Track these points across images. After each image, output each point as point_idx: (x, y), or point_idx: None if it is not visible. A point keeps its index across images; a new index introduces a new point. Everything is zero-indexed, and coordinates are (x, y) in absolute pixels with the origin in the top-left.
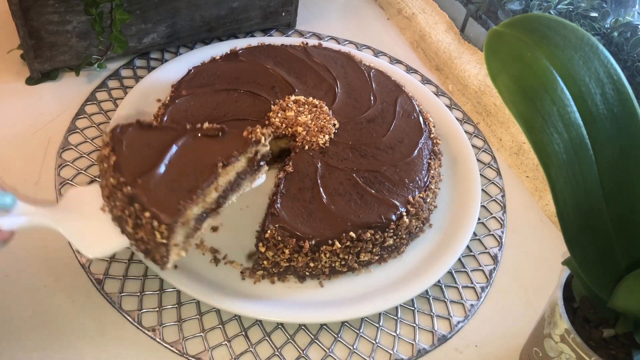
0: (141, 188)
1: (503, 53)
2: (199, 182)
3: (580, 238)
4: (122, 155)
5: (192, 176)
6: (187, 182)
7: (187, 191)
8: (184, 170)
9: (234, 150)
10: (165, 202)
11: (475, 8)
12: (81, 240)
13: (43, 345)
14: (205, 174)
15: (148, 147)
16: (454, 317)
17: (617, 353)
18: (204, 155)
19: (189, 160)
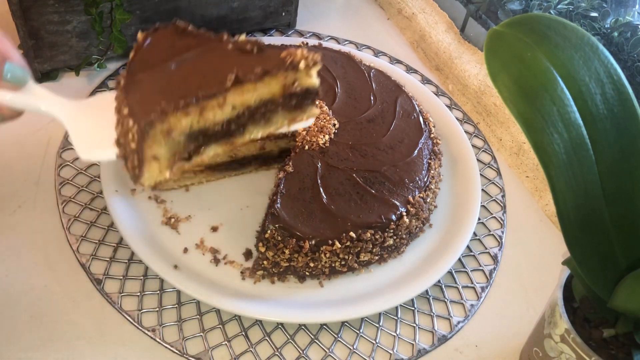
0: (134, 83)
1: (503, 53)
2: (198, 90)
3: (581, 238)
4: (141, 53)
5: (195, 84)
6: (186, 88)
7: (179, 97)
8: (191, 77)
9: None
10: (148, 101)
11: (476, 8)
12: (80, 139)
13: (43, 345)
14: (211, 85)
15: (170, 49)
16: (454, 317)
17: (617, 353)
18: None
19: (203, 69)
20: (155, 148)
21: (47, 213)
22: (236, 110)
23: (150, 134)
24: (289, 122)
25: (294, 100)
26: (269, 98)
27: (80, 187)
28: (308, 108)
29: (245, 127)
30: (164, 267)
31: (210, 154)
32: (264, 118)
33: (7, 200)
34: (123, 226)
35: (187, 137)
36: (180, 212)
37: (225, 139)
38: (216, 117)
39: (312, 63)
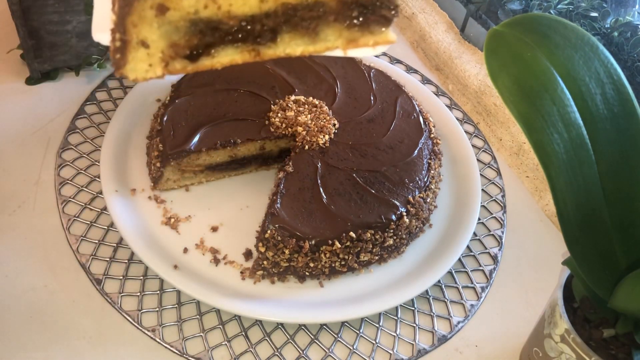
0: None
1: (503, 53)
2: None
3: (581, 238)
4: None
5: None
6: None
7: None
8: None
9: None
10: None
11: (476, 8)
12: (99, 16)
13: (43, 345)
14: None
15: None
16: (454, 317)
17: (617, 353)
18: None
19: None
20: (144, 29)
21: (47, 213)
22: (267, 4)
23: (135, 6)
24: (346, 42)
25: (357, 11)
26: None
27: (80, 187)
28: (377, 30)
29: (279, 34)
30: (163, 267)
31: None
32: (308, 27)
33: (6, 200)
34: (123, 226)
35: (192, 26)
36: (180, 212)
37: (249, 44)
38: (234, 5)
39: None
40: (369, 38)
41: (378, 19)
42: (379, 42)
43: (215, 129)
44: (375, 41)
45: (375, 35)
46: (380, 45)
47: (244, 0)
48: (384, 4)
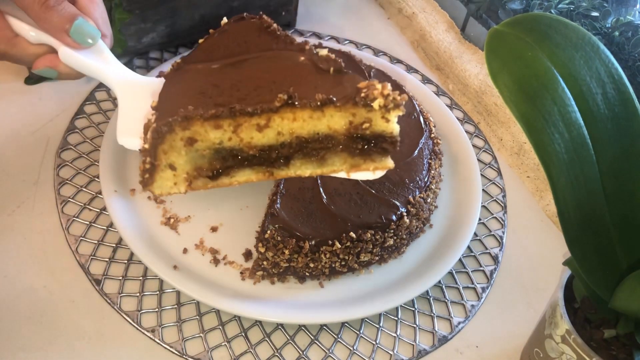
0: (180, 74)
1: (504, 52)
2: (238, 101)
3: (581, 238)
4: (210, 41)
5: (242, 93)
6: (229, 96)
7: (216, 104)
8: (242, 83)
9: (322, 93)
10: (180, 100)
11: (476, 7)
12: (126, 121)
13: (42, 345)
14: (259, 99)
15: (242, 44)
16: (454, 317)
17: (618, 354)
18: (284, 82)
19: (260, 77)
20: (173, 156)
21: (46, 213)
22: (282, 137)
23: (167, 139)
24: (349, 167)
25: (361, 144)
26: (328, 133)
27: (80, 187)
28: (378, 158)
29: (291, 160)
30: (163, 267)
31: (242, 179)
32: (317, 155)
33: (6, 201)
34: (122, 226)
35: (215, 153)
36: (179, 212)
37: (264, 168)
38: (254, 139)
39: (393, 105)
40: (370, 164)
41: (379, 150)
42: (378, 168)
43: None
44: (375, 167)
45: (375, 162)
46: (379, 170)
47: (263, 134)
48: (386, 140)
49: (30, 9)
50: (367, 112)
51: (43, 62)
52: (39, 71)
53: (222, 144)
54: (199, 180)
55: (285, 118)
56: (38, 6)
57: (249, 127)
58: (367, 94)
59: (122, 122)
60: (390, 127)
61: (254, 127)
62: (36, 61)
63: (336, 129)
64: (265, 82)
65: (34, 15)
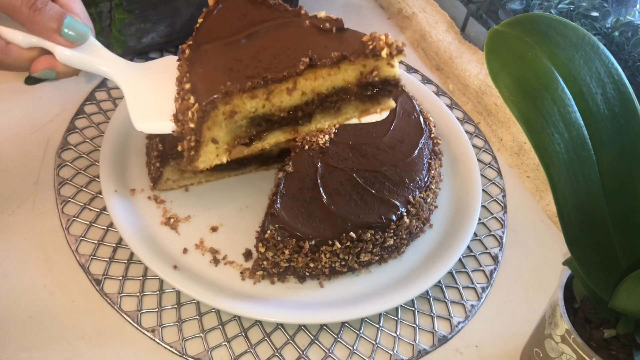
0: (199, 54)
1: (504, 53)
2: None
3: (581, 238)
4: (210, 19)
5: (265, 63)
6: (254, 67)
7: (247, 77)
8: (260, 54)
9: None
10: (213, 78)
11: (476, 7)
12: (136, 106)
13: (42, 345)
14: (282, 66)
15: (242, 18)
16: (454, 317)
17: (618, 353)
18: (297, 46)
19: (274, 46)
20: (215, 130)
21: (47, 213)
22: (306, 97)
23: (211, 115)
24: (360, 113)
25: (370, 90)
26: (343, 86)
27: (80, 187)
28: (384, 100)
29: (313, 116)
30: (163, 267)
31: (272, 141)
32: (334, 107)
33: (6, 201)
34: (122, 226)
35: (250, 121)
36: (179, 212)
37: (290, 126)
38: (283, 102)
39: (397, 51)
40: (377, 107)
41: (385, 93)
42: (383, 109)
43: None
44: (381, 108)
45: (381, 104)
46: (384, 110)
47: (290, 96)
48: (390, 83)
49: (18, 13)
50: (375, 61)
51: (41, 64)
52: (39, 74)
53: (257, 111)
54: (237, 148)
55: (308, 79)
56: (26, 9)
57: (279, 92)
58: (374, 45)
59: (133, 108)
60: (394, 71)
61: (283, 92)
62: (33, 65)
63: (349, 81)
64: (280, 49)
65: (22, 19)
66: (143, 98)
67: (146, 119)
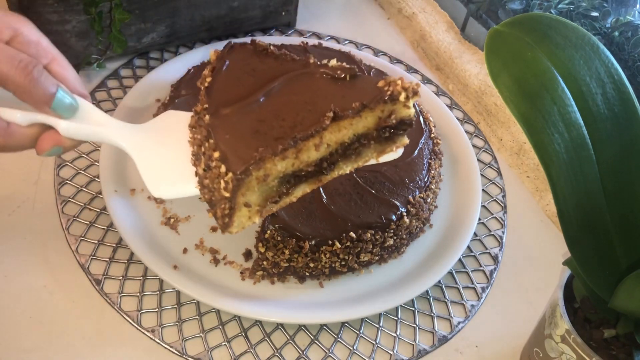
0: (221, 120)
1: (504, 53)
2: (294, 130)
3: (581, 238)
4: (219, 78)
5: (289, 121)
6: (280, 127)
7: (275, 138)
8: (282, 111)
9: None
10: (242, 144)
11: (476, 7)
12: (151, 172)
13: (42, 345)
14: (307, 123)
15: (252, 74)
16: (454, 317)
17: (618, 353)
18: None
19: (293, 102)
20: (249, 195)
21: (46, 213)
22: (330, 148)
23: (246, 182)
24: (378, 154)
25: (387, 132)
26: (364, 132)
27: (80, 187)
28: (399, 139)
29: (337, 164)
30: (163, 267)
31: (299, 194)
32: (355, 153)
33: (6, 200)
34: (122, 226)
35: (280, 180)
36: (179, 212)
37: (316, 178)
38: (311, 157)
39: (413, 93)
40: (393, 145)
41: (401, 132)
42: (399, 146)
43: None
44: (397, 146)
45: (396, 142)
46: (399, 147)
47: (317, 151)
48: (406, 122)
49: (11, 82)
50: (393, 105)
51: (46, 143)
52: (46, 154)
53: (286, 170)
54: (267, 207)
55: (332, 132)
56: (21, 78)
57: (307, 149)
58: (391, 90)
59: (148, 175)
60: (410, 112)
61: (311, 148)
62: (38, 144)
63: (369, 126)
64: (300, 105)
65: (15, 88)
66: (155, 162)
67: (164, 185)
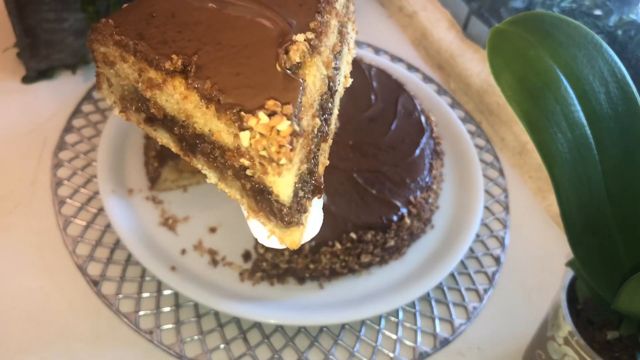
0: None
1: (506, 51)
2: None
3: (584, 239)
4: None
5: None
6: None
7: (157, 42)
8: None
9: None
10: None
11: (478, 6)
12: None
13: (39, 347)
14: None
15: None
16: (456, 319)
17: (620, 355)
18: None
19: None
20: (104, 68)
21: (43, 214)
22: (179, 114)
23: (93, 47)
24: (247, 207)
25: (248, 183)
26: (220, 144)
27: (77, 187)
28: (275, 220)
29: (194, 150)
30: (161, 268)
31: (163, 140)
32: (214, 164)
33: (2, 201)
34: (120, 227)
35: (134, 94)
36: (178, 212)
37: (175, 139)
38: (155, 97)
39: (268, 154)
40: (267, 222)
41: (271, 208)
42: (275, 234)
43: None
44: (271, 230)
45: (272, 222)
46: (282, 240)
47: (164, 98)
48: (271, 198)
49: None
50: (239, 140)
51: None
52: None
53: (130, 84)
54: (131, 113)
55: (177, 90)
56: None
57: (147, 78)
58: (245, 116)
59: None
60: (271, 183)
61: (151, 82)
62: None
63: (225, 143)
64: (209, 37)
65: None
66: None
67: None
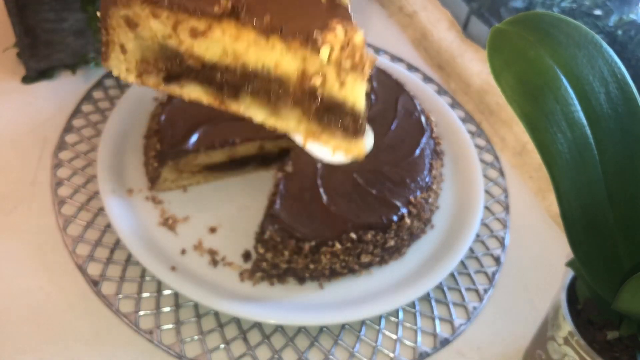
0: None
1: (506, 51)
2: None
3: (584, 239)
4: None
5: None
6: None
7: None
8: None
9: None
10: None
11: (478, 6)
12: None
13: (39, 348)
14: None
15: None
16: (456, 319)
17: (621, 355)
18: None
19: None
20: (121, 35)
21: (43, 214)
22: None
23: (112, 12)
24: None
25: (316, 106)
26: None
27: (77, 187)
28: (340, 136)
29: (240, 93)
30: (161, 268)
31: (192, 95)
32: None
33: (2, 201)
34: (120, 227)
35: (161, 51)
36: (178, 212)
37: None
38: (196, 48)
39: (351, 64)
40: (330, 140)
41: (340, 126)
42: (340, 148)
43: (213, 128)
44: (336, 146)
45: (337, 139)
46: (341, 151)
47: (205, 46)
48: (345, 111)
49: None
50: (319, 63)
51: None
52: None
53: (164, 40)
54: (150, 76)
55: (227, 32)
56: None
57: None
58: (318, 35)
59: None
60: (347, 95)
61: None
62: None
63: (286, 72)
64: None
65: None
66: None
67: None
